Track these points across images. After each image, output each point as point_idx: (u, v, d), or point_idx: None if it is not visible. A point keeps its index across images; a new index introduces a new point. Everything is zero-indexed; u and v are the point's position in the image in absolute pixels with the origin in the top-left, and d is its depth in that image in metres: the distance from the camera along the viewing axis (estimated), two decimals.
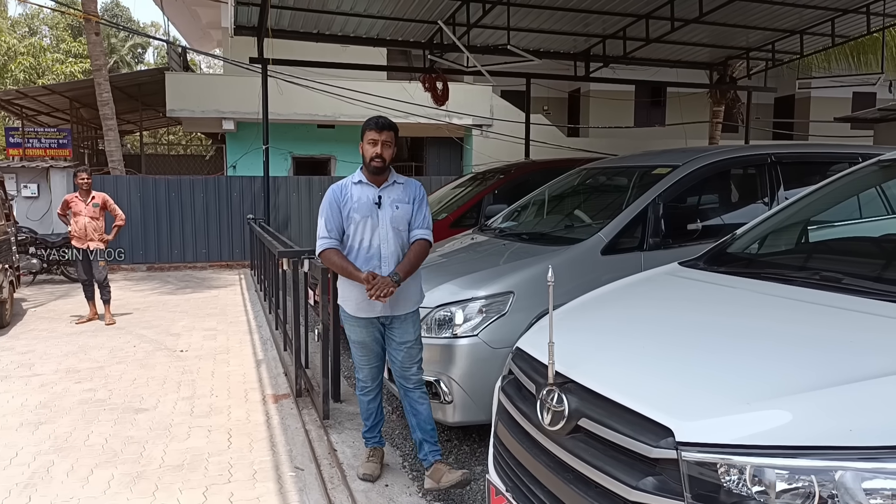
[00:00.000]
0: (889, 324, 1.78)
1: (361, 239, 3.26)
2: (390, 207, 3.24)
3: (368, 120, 3.30)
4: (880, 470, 1.33)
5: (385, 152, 3.22)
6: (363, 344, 3.38)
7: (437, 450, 3.33)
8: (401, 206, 3.26)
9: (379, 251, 3.23)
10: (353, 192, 3.29)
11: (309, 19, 9.95)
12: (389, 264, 3.23)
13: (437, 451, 3.33)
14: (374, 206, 3.24)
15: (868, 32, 10.94)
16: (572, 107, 20.28)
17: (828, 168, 4.39)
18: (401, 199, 3.27)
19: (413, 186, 3.35)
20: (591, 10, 9.88)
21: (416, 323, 3.36)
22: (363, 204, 3.24)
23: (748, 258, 2.79)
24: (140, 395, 4.98)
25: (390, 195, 3.27)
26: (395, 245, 3.24)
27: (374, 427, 3.56)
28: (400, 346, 3.32)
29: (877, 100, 17.69)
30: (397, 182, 3.32)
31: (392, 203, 3.25)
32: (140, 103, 19.41)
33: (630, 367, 1.92)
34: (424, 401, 3.37)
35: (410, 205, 3.29)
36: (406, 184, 3.34)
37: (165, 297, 9.43)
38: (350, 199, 3.27)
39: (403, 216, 3.26)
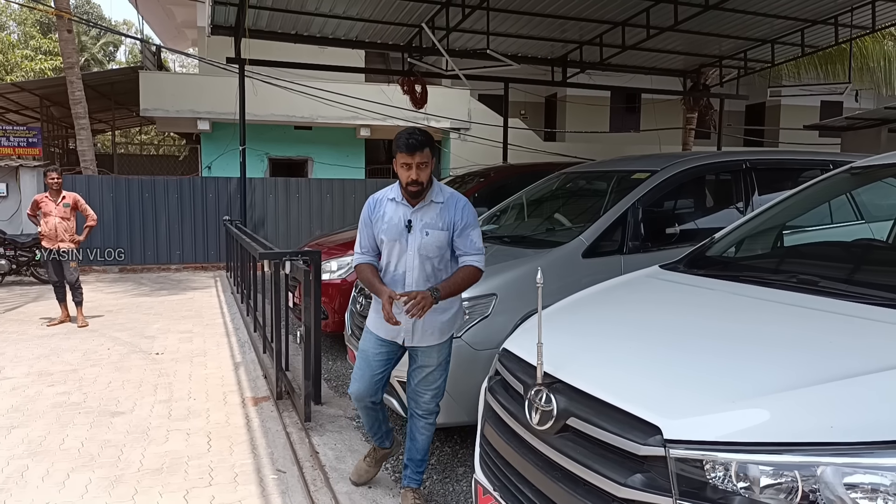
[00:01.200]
0: (865, 325, 1.85)
1: (388, 262, 3.03)
2: (420, 233, 2.93)
3: (398, 138, 2.87)
4: (859, 465, 1.38)
5: (421, 175, 2.85)
6: (363, 352, 3.15)
7: (416, 479, 3.20)
8: (431, 233, 2.92)
9: (403, 278, 2.97)
10: (387, 209, 3.00)
11: (287, 20, 9.91)
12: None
13: (415, 480, 3.20)
14: (405, 229, 2.94)
15: (836, 43, 11.25)
16: (549, 111, 20.45)
17: (800, 174, 4.52)
18: (433, 225, 2.93)
19: (453, 209, 2.96)
20: (568, 17, 10.01)
21: (441, 350, 3.07)
22: (393, 226, 2.96)
23: (726, 261, 2.86)
24: (116, 399, 4.90)
25: (423, 218, 2.94)
26: (421, 273, 2.94)
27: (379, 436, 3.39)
28: (419, 368, 3.08)
29: (843, 109, 18.19)
30: (435, 202, 2.96)
31: (423, 228, 2.93)
32: (113, 102, 19.10)
33: (617, 367, 1.96)
34: (427, 432, 3.15)
35: (447, 231, 2.94)
36: (446, 204, 2.96)
37: (139, 299, 9.29)
38: (382, 218, 3.00)
39: (434, 243, 2.93)
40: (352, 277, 5.85)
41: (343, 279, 6.03)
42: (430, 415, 3.14)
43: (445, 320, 3.06)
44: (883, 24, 10.60)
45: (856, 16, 10.22)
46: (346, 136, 16.87)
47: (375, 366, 3.11)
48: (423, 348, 3.06)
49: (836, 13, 10.24)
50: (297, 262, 4.43)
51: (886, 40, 15.05)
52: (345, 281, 5.98)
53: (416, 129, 2.92)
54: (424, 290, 2.87)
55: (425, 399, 3.11)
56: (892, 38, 15.32)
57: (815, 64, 14.64)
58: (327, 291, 5.86)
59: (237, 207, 11.50)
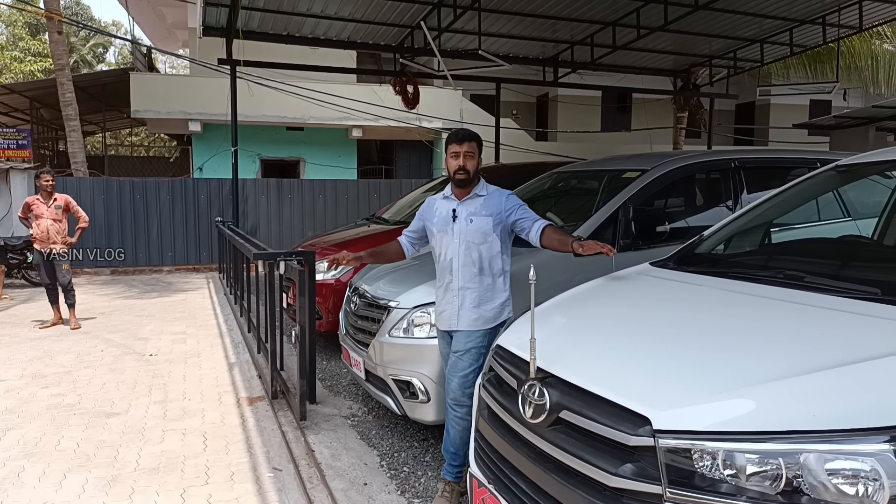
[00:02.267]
0: (847, 318, 1.90)
1: (439, 252, 3.30)
2: (465, 221, 3.20)
3: (450, 134, 3.29)
4: (840, 451, 1.43)
5: (468, 163, 3.18)
6: (442, 355, 3.39)
7: (450, 471, 3.21)
8: (475, 220, 3.18)
9: (451, 264, 3.22)
10: (439, 206, 3.34)
11: (279, 21, 9.92)
12: (460, 278, 3.19)
13: (450, 473, 3.21)
14: (450, 219, 3.24)
15: (824, 42, 11.36)
16: (541, 111, 20.54)
17: (788, 173, 4.58)
18: (477, 213, 3.20)
19: (497, 198, 3.25)
20: (559, 17, 10.06)
21: (471, 337, 3.16)
22: (441, 218, 3.28)
23: (715, 258, 2.91)
24: (111, 400, 4.91)
25: (467, 209, 3.22)
26: (468, 259, 3.17)
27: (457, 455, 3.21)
28: (452, 353, 3.22)
29: (832, 107, 18.36)
30: (478, 195, 3.25)
31: (467, 217, 3.20)
32: (103, 104, 19.04)
33: (608, 361, 2.01)
34: (458, 425, 3.13)
35: (490, 217, 3.18)
36: (489, 196, 3.25)
37: (131, 301, 9.28)
38: (433, 215, 3.34)
39: (478, 229, 3.18)
40: (345, 278, 5.88)
41: (337, 279, 6.05)
42: (459, 406, 3.12)
43: (491, 309, 3.20)
44: (870, 23, 10.70)
45: (843, 15, 10.32)
46: (338, 136, 16.88)
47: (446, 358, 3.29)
48: (459, 332, 3.20)
49: (823, 13, 10.34)
50: (291, 262, 4.46)
51: (873, 39, 15.20)
52: (338, 281, 6.01)
53: (464, 128, 3.34)
54: (585, 242, 2.98)
55: (452, 387, 3.17)
56: (879, 38, 15.48)
57: (804, 63, 14.77)
58: (321, 291, 5.88)
59: (229, 209, 11.49)
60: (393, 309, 3.90)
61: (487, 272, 3.20)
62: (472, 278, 3.18)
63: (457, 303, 3.19)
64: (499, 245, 3.22)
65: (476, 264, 3.17)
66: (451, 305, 3.21)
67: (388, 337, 3.86)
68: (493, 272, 3.22)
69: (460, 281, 3.19)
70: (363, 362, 4.11)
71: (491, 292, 3.19)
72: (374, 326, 4.05)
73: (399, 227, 6.80)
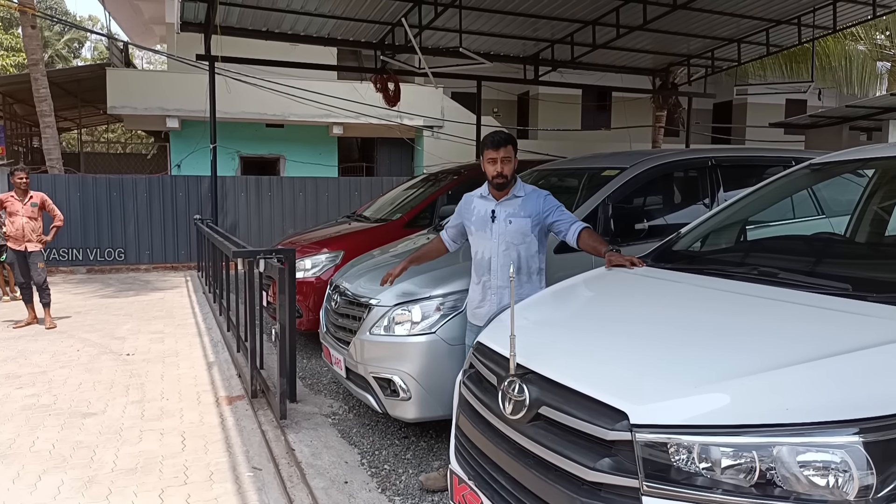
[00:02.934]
0: (819, 313, 1.94)
1: (477, 251, 3.41)
2: (504, 222, 3.30)
3: (485, 139, 3.34)
4: (811, 444, 1.46)
5: (505, 168, 3.26)
6: (467, 346, 3.42)
7: None
8: (514, 221, 3.29)
9: (489, 263, 3.33)
10: (477, 205, 3.43)
11: (258, 17, 9.84)
12: (499, 277, 3.31)
13: None
14: (489, 220, 3.33)
15: (799, 42, 11.54)
16: (521, 109, 20.60)
17: (763, 171, 4.64)
18: (516, 214, 3.30)
19: (534, 199, 3.34)
20: (540, 16, 10.10)
21: None
22: (480, 218, 3.38)
23: (692, 255, 2.95)
24: (87, 400, 4.85)
25: (506, 209, 3.32)
26: (507, 259, 3.28)
27: None
28: None
29: (807, 107, 18.65)
30: (516, 195, 3.34)
31: (506, 217, 3.30)
32: (79, 100, 18.73)
33: (586, 357, 2.03)
34: None
35: (528, 218, 3.29)
36: (527, 197, 3.34)
37: (108, 299, 9.16)
38: (472, 213, 3.43)
39: (518, 230, 3.29)
40: (326, 275, 5.86)
41: (317, 277, 6.03)
42: None
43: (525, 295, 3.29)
44: (843, 24, 10.89)
45: (818, 16, 10.50)
46: (318, 134, 16.79)
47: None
48: None
49: (799, 14, 10.51)
50: (271, 260, 4.43)
51: (847, 40, 15.46)
52: (319, 279, 5.98)
53: (500, 130, 3.40)
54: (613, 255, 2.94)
55: None
56: (852, 39, 15.75)
57: (780, 63, 14.99)
58: (302, 290, 5.85)
59: (208, 206, 11.38)
60: (374, 307, 3.89)
61: (525, 271, 3.32)
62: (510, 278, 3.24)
63: (496, 300, 3.31)
64: (536, 245, 3.35)
65: (515, 264, 3.26)
66: (489, 303, 3.33)
67: (369, 335, 3.85)
68: (531, 271, 3.36)
69: (499, 280, 3.31)
70: (344, 360, 4.10)
71: (528, 290, 3.27)
72: (354, 324, 4.04)
73: (380, 224, 6.80)
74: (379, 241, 5.74)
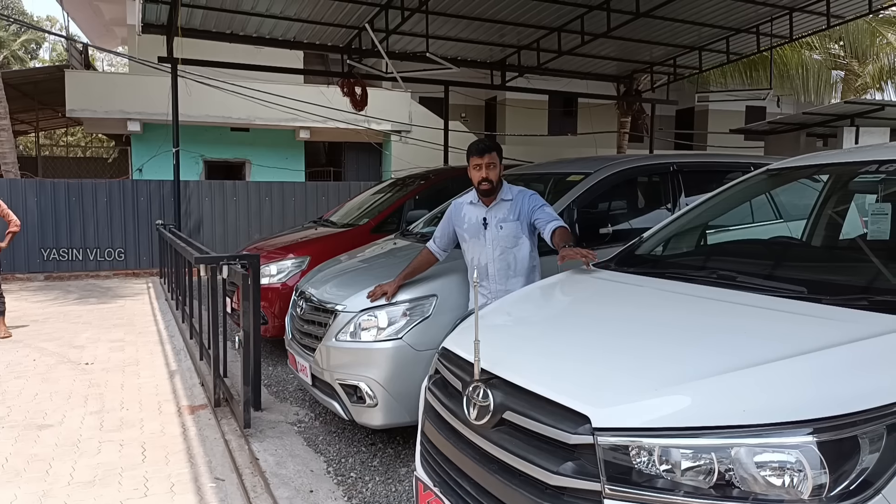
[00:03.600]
0: (776, 316, 1.99)
1: (472, 257, 3.51)
2: (496, 228, 3.41)
3: (470, 146, 3.45)
4: (768, 444, 1.49)
5: (490, 174, 3.35)
6: None
7: None
8: (505, 226, 3.40)
9: (486, 269, 3.44)
10: (467, 212, 3.53)
11: (222, 19, 9.71)
12: (496, 280, 3.44)
13: None
14: (481, 226, 3.43)
15: (758, 51, 11.85)
16: (489, 114, 20.70)
17: (724, 176, 4.74)
18: (506, 219, 3.40)
19: (520, 201, 3.44)
20: (506, 22, 10.18)
21: None
22: (472, 225, 3.48)
23: (654, 259, 3.00)
24: (43, 411, 4.70)
25: (496, 215, 3.42)
26: (502, 263, 3.41)
27: None
28: None
29: (766, 113, 19.11)
30: (504, 199, 3.45)
31: (497, 223, 3.41)
32: (36, 102, 18.23)
33: (550, 361, 2.04)
34: None
35: (518, 221, 3.40)
36: (514, 199, 3.44)
37: (67, 307, 8.90)
38: (463, 221, 3.53)
39: (509, 234, 3.40)
40: (292, 281, 5.79)
41: (283, 283, 5.96)
42: None
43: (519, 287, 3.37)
44: (799, 34, 11.23)
45: (775, 26, 10.80)
46: (285, 137, 16.62)
47: None
48: None
49: (757, 23, 10.79)
50: (234, 266, 4.36)
51: (803, 50, 15.93)
52: (285, 285, 5.91)
53: (484, 138, 3.52)
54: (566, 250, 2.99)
55: None
56: (809, 48, 16.23)
57: (740, 71, 15.38)
58: (267, 296, 5.78)
59: (171, 211, 11.17)
60: (340, 313, 3.86)
61: (522, 272, 3.45)
62: (507, 280, 3.40)
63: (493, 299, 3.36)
64: (528, 245, 3.47)
65: (511, 267, 3.42)
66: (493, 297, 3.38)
67: (335, 341, 3.82)
68: (526, 270, 3.46)
69: (496, 283, 3.43)
70: (310, 367, 4.06)
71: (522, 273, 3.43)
72: (320, 331, 4.00)
73: (347, 229, 6.75)
74: (346, 246, 5.70)
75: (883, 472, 1.42)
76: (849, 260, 2.82)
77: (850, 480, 1.43)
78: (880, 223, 2.68)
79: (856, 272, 2.48)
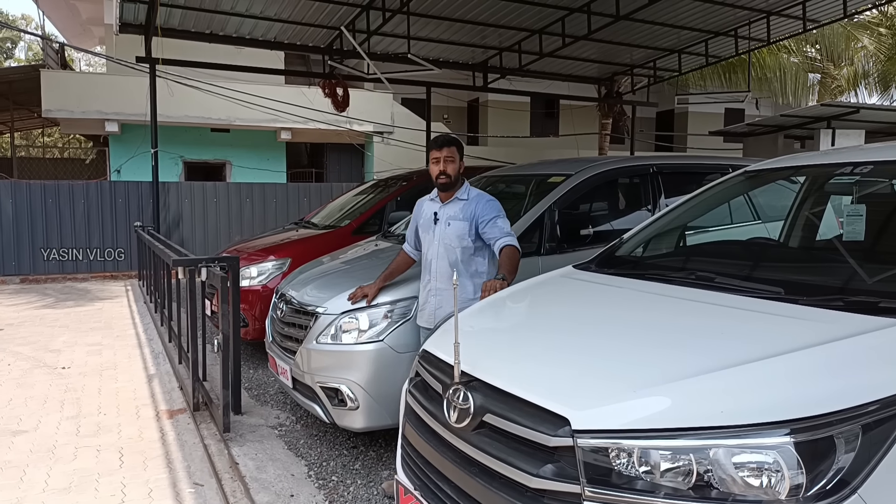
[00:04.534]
0: (753, 316, 2.00)
1: (425, 252, 3.49)
2: (444, 224, 3.36)
3: (430, 140, 3.44)
4: (746, 445, 1.50)
5: (448, 168, 3.32)
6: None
7: None
8: (453, 224, 3.34)
9: (431, 265, 3.40)
10: (425, 208, 3.51)
11: (201, 19, 9.61)
12: (438, 279, 3.39)
13: None
14: (432, 221, 3.40)
15: (736, 54, 11.99)
16: (471, 116, 20.72)
17: (703, 178, 4.78)
18: (455, 217, 3.34)
19: (475, 203, 3.36)
20: (487, 24, 10.19)
21: None
22: (426, 220, 3.46)
23: (634, 260, 3.01)
24: (17, 417, 4.61)
25: (447, 212, 3.38)
26: (445, 261, 3.33)
27: None
28: None
29: (745, 115, 19.35)
30: (459, 198, 3.40)
31: (446, 220, 3.36)
32: (11, 102, 17.90)
33: (530, 363, 2.03)
34: None
35: (466, 221, 3.32)
36: (470, 201, 3.39)
37: (43, 310, 8.75)
38: (420, 215, 3.52)
39: (454, 232, 3.33)
40: (273, 283, 5.74)
41: (263, 285, 5.90)
42: None
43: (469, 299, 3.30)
44: (777, 37, 11.38)
45: (753, 29, 10.93)
46: (266, 138, 16.49)
47: None
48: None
49: (735, 26, 10.92)
50: (213, 268, 4.31)
51: (781, 53, 16.15)
52: (265, 287, 5.86)
53: (445, 133, 3.40)
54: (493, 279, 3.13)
55: None
56: (786, 52, 16.46)
57: (719, 73, 15.55)
58: (247, 298, 5.73)
59: (150, 213, 11.03)
60: (320, 315, 3.83)
61: (465, 273, 3.36)
62: (448, 279, 3.31)
63: (434, 303, 3.38)
64: (473, 248, 3.39)
65: (454, 265, 3.34)
66: (430, 305, 3.41)
67: (316, 344, 3.79)
68: (470, 273, 3.39)
69: (438, 282, 3.38)
70: (290, 370, 4.02)
71: (466, 293, 3.32)
72: (301, 333, 3.97)
73: (329, 231, 6.71)
74: (327, 247, 5.67)
75: (859, 472, 1.44)
76: (825, 261, 2.85)
77: (826, 480, 1.44)
78: (855, 224, 2.71)
79: (832, 273, 2.51)
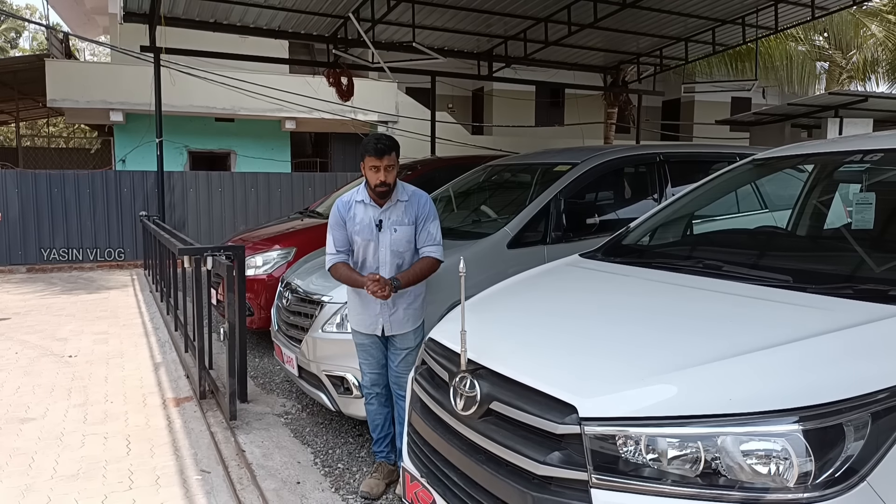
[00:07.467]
0: (761, 304, 1.99)
1: (364, 259, 3.26)
2: (390, 230, 3.20)
3: (367, 143, 3.14)
4: (754, 433, 1.49)
5: (389, 177, 3.11)
6: (363, 346, 3.34)
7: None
8: (399, 229, 3.20)
9: (378, 273, 3.19)
10: (357, 211, 3.25)
11: (205, 8, 9.57)
12: None
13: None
14: (375, 228, 3.20)
15: (744, 42, 11.89)
16: (476, 105, 20.64)
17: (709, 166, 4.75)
18: (400, 222, 3.21)
19: (416, 204, 3.25)
20: (493, 12, 10.12)
21: (417, 334, 3.29)
22: (365, 227, 3.22)
23: (640, 249, 3.00)
24: (26, 404, 4.64)
25: (391, 217, 3.21)
26: (393, 267, 3.21)
27: (382, 440, 3.39)
28: (399, 351, 3.27)
29: (752, 104, 19.22)
30: (400, 200, 3.23)
31: (391, 226, 3.20)
32: (16, 92, 17.89)
33: (536, 351, 2.03)
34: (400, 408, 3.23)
35: (411, 226, 3.22)
36: (409, 201, 3.25)
37: (50, 299, 8.79)
38: (353, 220, 3.25)
39: (403, 238, 3.21)
40: (278, 272, 5.75)
41: (269, 274, 5.91)
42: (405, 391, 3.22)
43: (416, 307, 3.31)
44: (784, 25, 11.27)
45: (760, 17, 10.83)
46: (270, 128, 16.47)
47: (375, 353, 3.33)
48: (401, 335, 3.27)
49: (743, 14, 10.81)
50: (219, 257, 4.32)
51: (788, 41, 16.01)
52: (271, 276, 5.87)
53: (383, 135, 3.21)
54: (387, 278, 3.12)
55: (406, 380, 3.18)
56: (793, 40, 16.31)
57: (726, 62, 15.43)
58: (253, 287, 5.74)
59: (155, 202, 11.04)
60: (326, 304, 3.84)
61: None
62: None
63: (388, 311, 3.21)
64: (416, 249, 3.29)
65: (401, 270, 3.21)
66: (376, 313, 3.23)
67: (321, 332, 3.80)
68: None
69: None
70: (296, 358, 4.03)
71: (415, 290, 3.29)
72: (306, 322, 3.98)
73: None
74: None
75: (867, 460, 1.43)
76: (833, 249, 2.83)
77: (835, 468, 1.43)
78: (864, 212, 2.69)
79: (840, 261, 2.49)
